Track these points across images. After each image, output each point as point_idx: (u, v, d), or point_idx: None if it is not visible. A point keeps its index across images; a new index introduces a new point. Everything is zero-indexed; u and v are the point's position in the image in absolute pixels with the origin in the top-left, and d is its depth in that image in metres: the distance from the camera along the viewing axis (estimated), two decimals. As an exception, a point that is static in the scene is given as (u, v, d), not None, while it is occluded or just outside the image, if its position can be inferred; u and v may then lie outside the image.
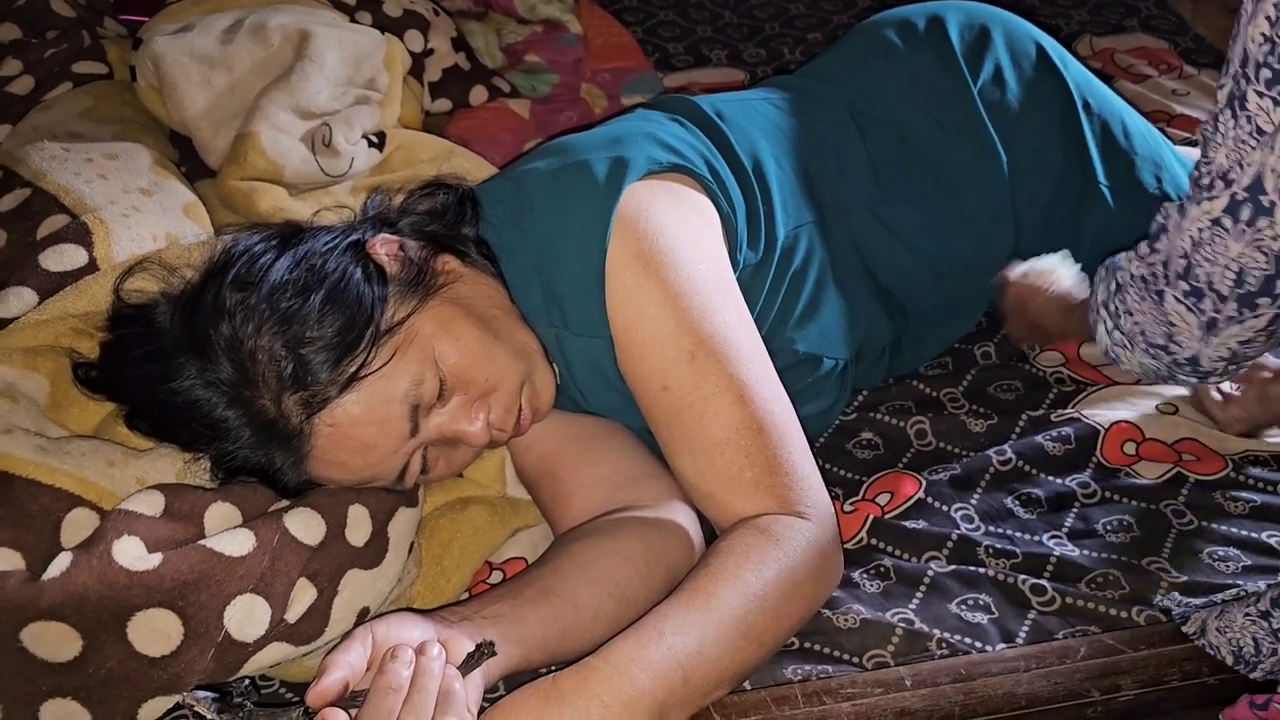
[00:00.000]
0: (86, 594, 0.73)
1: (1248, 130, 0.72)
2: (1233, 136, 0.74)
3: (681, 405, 0.90)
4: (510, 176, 1.03)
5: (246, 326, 0.84)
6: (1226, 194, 0.75)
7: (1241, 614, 0.83)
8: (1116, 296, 0.90)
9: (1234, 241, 0.76)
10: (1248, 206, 0.74)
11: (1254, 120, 0.71)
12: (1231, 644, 0.83)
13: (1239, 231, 0.75)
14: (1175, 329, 0.84)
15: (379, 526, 0.87)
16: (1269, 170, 0.72)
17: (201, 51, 1.24)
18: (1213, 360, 0.85)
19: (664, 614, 0.79)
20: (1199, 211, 0.78)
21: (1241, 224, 0.75)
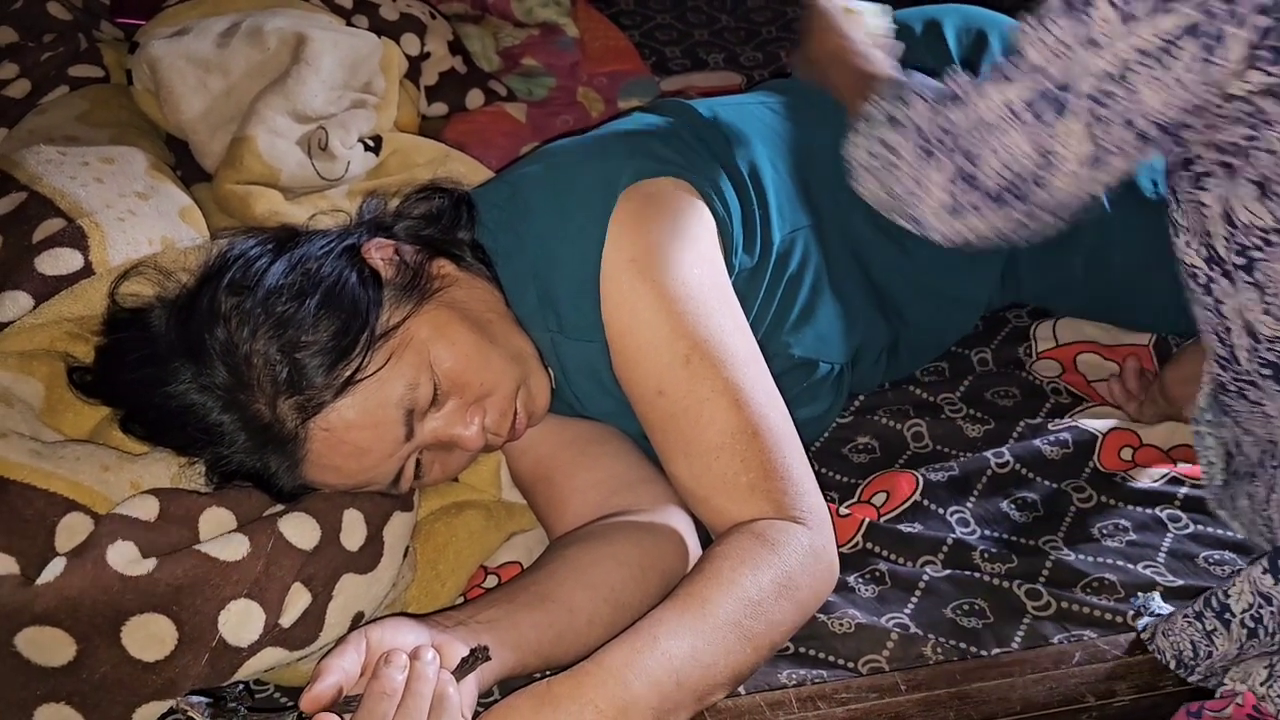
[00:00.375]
0: (80, 599, 0.73)
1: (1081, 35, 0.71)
2: (1056, 36, 0.72)
3: (676, 410, 0.90)
4: (506, 180, 1.03)
5: (242, 331, 0.84)
6: (1029, 79, 0.74)
7: (1181, 616, 0.83)
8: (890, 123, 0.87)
9: (1018, 133, 0.75)
10: (1049, 102, 0.73)
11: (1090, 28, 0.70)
12: (1174, 647, 0.83)
13: (1026, 124, 0.74)
14: (919, 195, 0.83)
15: (374, 531, 0.87)
16: (1085, 70, 0.71)
17: (198, 55, 1.24)
18: (941, 232, 0.85)
19: (659, 619, 0.79)
20: (996, 90, 0.76)
21: (1032, 115, 0.74)
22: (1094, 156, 0.73)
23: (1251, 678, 0.75)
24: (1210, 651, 0.81)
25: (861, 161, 0.91)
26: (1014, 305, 1.30)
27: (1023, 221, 0.80)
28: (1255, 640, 0.78)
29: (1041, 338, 1.23)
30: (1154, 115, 0.70)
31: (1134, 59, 0.68)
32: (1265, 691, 0.75)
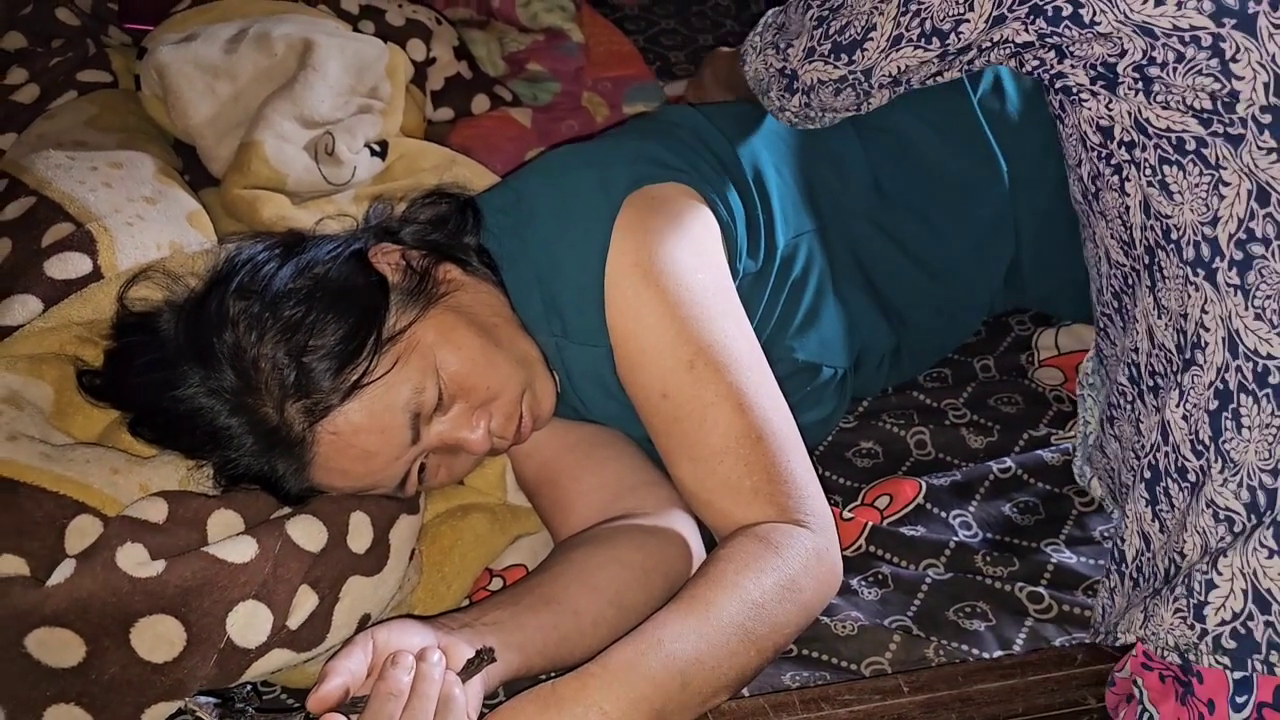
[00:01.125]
0: (90, 600, 0.73)
1: None
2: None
3: (681, 413, 0.91)
4: (511, 185, 1.04)
5: (250, 335, 0.85)
6: None
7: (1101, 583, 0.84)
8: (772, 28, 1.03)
9: None
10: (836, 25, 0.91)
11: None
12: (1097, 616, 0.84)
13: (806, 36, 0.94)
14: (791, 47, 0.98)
15: (380, 534, 0.88)
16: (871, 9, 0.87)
17: (205, 61, 1.25)
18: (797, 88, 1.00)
19: (663, 621, 0.79)
20: None
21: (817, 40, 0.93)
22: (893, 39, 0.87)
23: (1134, 625, 0.76)
24: (1113, 608, 0.82)
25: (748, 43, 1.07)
26: (1017, 310, 1.30)
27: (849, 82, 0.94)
28: (1137, 589, 0.79)
29: (1043, 346, 1.23)
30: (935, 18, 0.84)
31: None
32: (1143, 633, 0.76)
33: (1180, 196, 0.73)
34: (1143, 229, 0.77)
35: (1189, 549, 0.73)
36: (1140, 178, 0.76)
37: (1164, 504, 0.76)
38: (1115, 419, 0.86)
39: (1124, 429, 0.84)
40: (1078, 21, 0.74)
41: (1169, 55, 0.71)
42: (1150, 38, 0.72)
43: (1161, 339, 0.77)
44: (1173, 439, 0.75)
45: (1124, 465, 0.85)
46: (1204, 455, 0.72)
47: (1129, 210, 0.78)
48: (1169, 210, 0.74)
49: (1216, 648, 0.70)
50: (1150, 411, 0.79)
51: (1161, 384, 0.77)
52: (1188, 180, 0.73)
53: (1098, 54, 0.75)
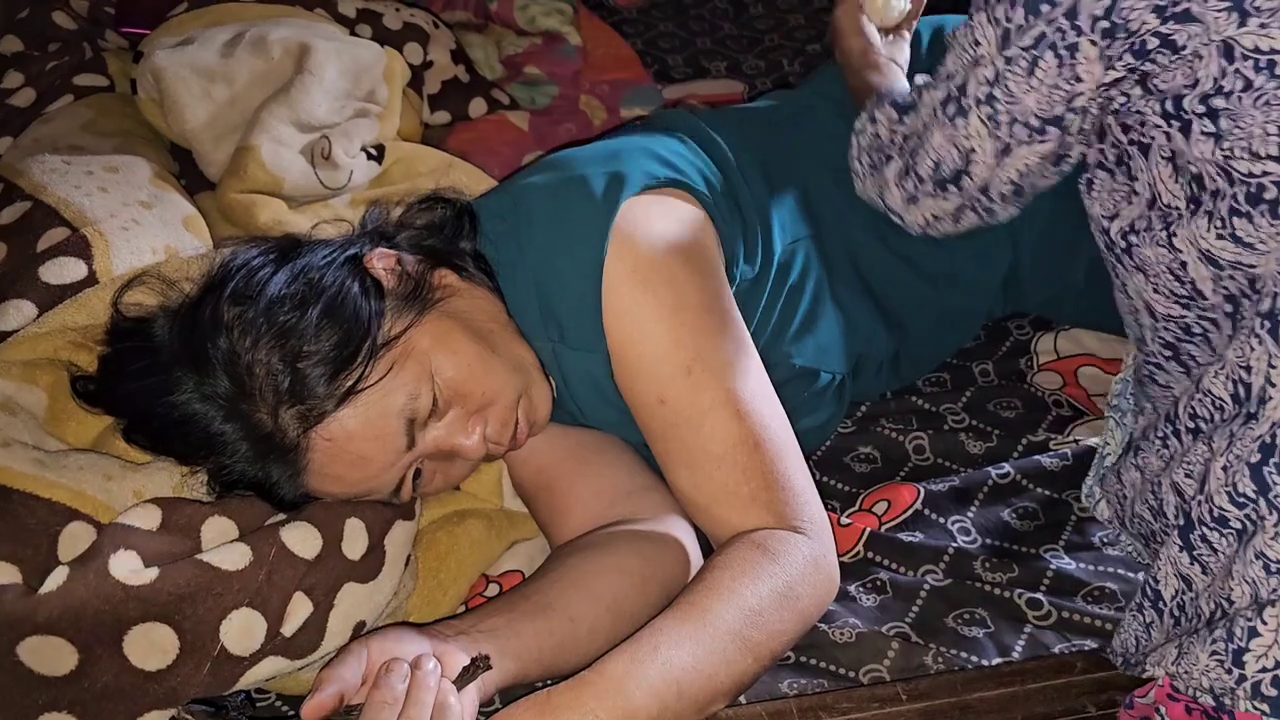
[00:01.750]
0: (83, 608, 0.73)
1: (970, 40, 0.82)
2: (960, 44, 0.84)
3: (678, 420, 0.90)
4: (508, 191, 1.03)
5: (244, 340, 0.84)
6: (945, 86, 0.86)
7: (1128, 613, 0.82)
8: (871, 125, 1.00)
9: (937, 131, 0.87)
10: (954, 104, 0.84)
11: (974, 33, 0.81)
12: (1122, 645, 0.83)
13: (942, 123, 0.86)
14: (889, 191, 0.96)
15: (375, 540, 0.87)
16: (974, 79, 0.82)
17: (202, 65, 1.25)
18: (913, 222, 0.97)
19: (659, 628, 0.79)
20: (929, 96, 0.88)
21: (945, 117, 0.86)
22: (1000, 149, 0.84)
23: (1165, 659, 0.75)
24: (1149, 642, 0.81)
25: (855, 161, 1.03)
26: (1016, 314, 1.29)
27: (967, 206, 0.91)
28: (1178, 627, 0.78)
29: (1042, 351, 1.23)
30: (1034, 113, 0.80)
31: (1005, 69, 0.79)
32: (1175, 670, 0.75)
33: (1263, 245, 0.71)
34: (1215, 280, 0.75)
35: (1237, 596, 0.72)
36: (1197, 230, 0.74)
37: (1203, 549, 0.75)
38: (1142, 450, 0.84)
39: (1149, 461, 0.83)
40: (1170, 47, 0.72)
41: (1237, 83, 0.69)
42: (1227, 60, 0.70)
43: (1209, 385, 0.75)
44: (1209, 487, 0.73)
45: (1139, 497, 0.85)
46: (1247, 507, 0.71)
47: (1185, 266, 0.76)
48: (1251, 260, 0.72)
49: (1255, 694, 0.69)
50: (1186, 451, 0.78)
51: (1204, 428, 0.76)
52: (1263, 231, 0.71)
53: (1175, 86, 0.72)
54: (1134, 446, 0.86)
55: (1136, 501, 0.86)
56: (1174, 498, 0.79)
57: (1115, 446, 0.99)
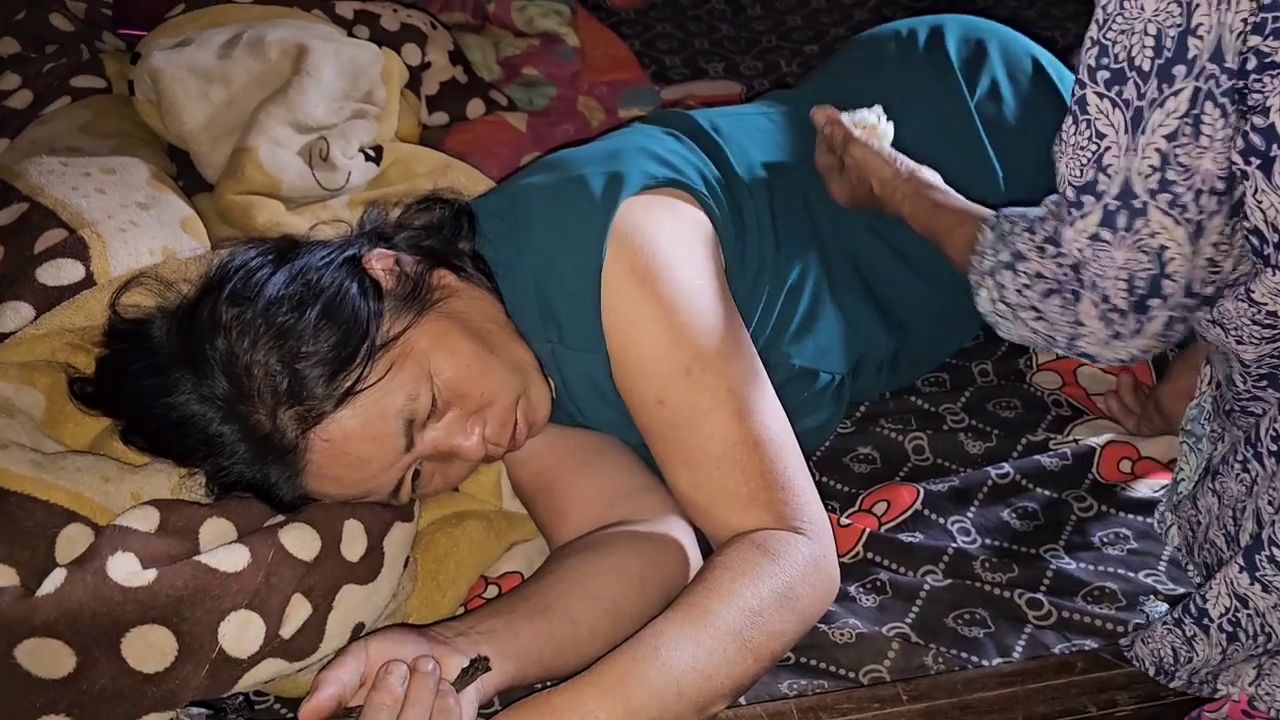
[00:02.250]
0: (80, 610, 0.73)
1: (1087, 135, 0.73)
2: (1073, 144, 0.74)
3: (677, 420, 0.90)
4: (507, 192, 1.03)
5: (242, 341, 0.84)
6: (1099, 207, 0.75)
7: (1160, 623, 0.83)
8: (1007, 271, 0.87)
9: (1118, 250, 0.76)
10: (1122, 214, 0.74)
11: (1094, 124, 0.72)
12: (1154, 654, 0.83)
13: (1119, 239, 0.75)
14: (1083, 329, 0.82)
15: (374, 541, 0.87)
16: (1135, 173, 0.72)
17: (199, 66, 1.24)
18: (1109, 360, 0.85)
19: (659, 629, 0.79)
20: (1074, 231, 0.77)
21: (1120, 231, 0.75)
22: (1193, 231, 0.74)
23: (1242, 679, 0.75)
24: (1191, 657, 0.81)
25: (992, 312, 0.91)
26: (1014, 314, 1.29)
27: (1174, 317, 0.79)
28: (1237, 644, 0.78)
29: (1041, 351, 1.23)
30: (1216, 175, 0.71)
31: (1170, 147, 0.70)
32: (1255, 690, 0.75)
33: None
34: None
35: None
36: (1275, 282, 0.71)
37: (1268, 569, 0.74)
38: (1220, 475, 0.83)
39: (1228, 485, 0.82)
40: None
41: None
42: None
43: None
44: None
45: (1215, 522, 0.83)
46: None
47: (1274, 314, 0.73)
48: None
49: None
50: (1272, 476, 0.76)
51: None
52: None
53: None
54: (1212, 471, 0.84)
55: (1212, 527, 0.84)
56: (1251, 524, 0.77)
57: (1190, 472, 0.95)
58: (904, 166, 1.07)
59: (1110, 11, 0.70)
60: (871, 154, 1.07)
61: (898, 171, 1.06)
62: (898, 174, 1.06)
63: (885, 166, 1.06)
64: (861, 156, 1.07)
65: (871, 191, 1.08)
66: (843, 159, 1.09)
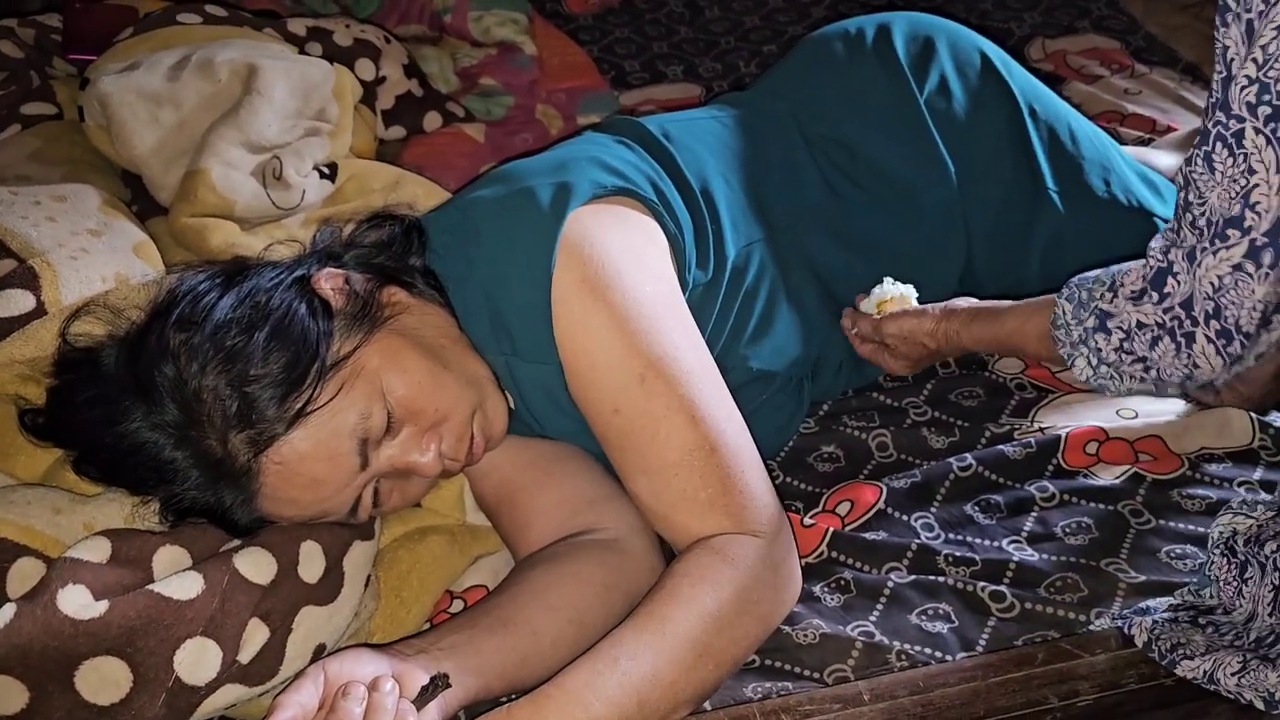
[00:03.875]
0: (30, 645, 0.72)
1: (1242, 169, 0.74)
2: (1229, 176, 0.75)
3: (633, 428, 0.90)
4: (457, 205, 1.03)
5: (190, 366, 0.84)
6: (1245, 240, 0.76)
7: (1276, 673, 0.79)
8: (1099, 334, 0.90)
9: (1259, 285, 0.77)
10: (1269, 251, 0.76)
11: (1249, 159, 0.73)
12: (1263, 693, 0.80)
13: (1263, 275, 0.77)
14: (1198, 369, 0.84)
15: (333, 562, 0.87)
16: None
17: (148, 89, 1.24)
18: (1224, 381, 0.86)
19: (618, 639, 0.79)
20: (1216, 260, 0.79)
21: (1265, 268, 0.76)
22: None
23: (1223, 666, 0.76)
24: None
25: (1095, 378, 0.94)
26: (974, 307, 1.30)
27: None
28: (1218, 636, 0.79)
29: (1155, 398, 1.23)
30: None
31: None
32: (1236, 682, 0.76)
33: None
34: None
35: None
36: None
37: None
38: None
39: None
40: None
41: None
42: None
43: None
44: None
45: None
46: None
47: None
48: None
49: None
50: None
51: None
52: None
53: None
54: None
55: None
56: None
57: None
58: (937, 310, 1.10)
59: (1271, 53, 0.70)
60: (905, 321, 1.10)
61: (936, 318, 1.09)
62: (938, 320, 1.09)
63: (923, 322, 1.09)
64: (897, 329, 1.10)
65: (927, 349, 1.11)
66: (884, 342, 1.12)
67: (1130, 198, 1.18)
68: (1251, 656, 0.79)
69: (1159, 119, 1.61)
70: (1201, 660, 0.81)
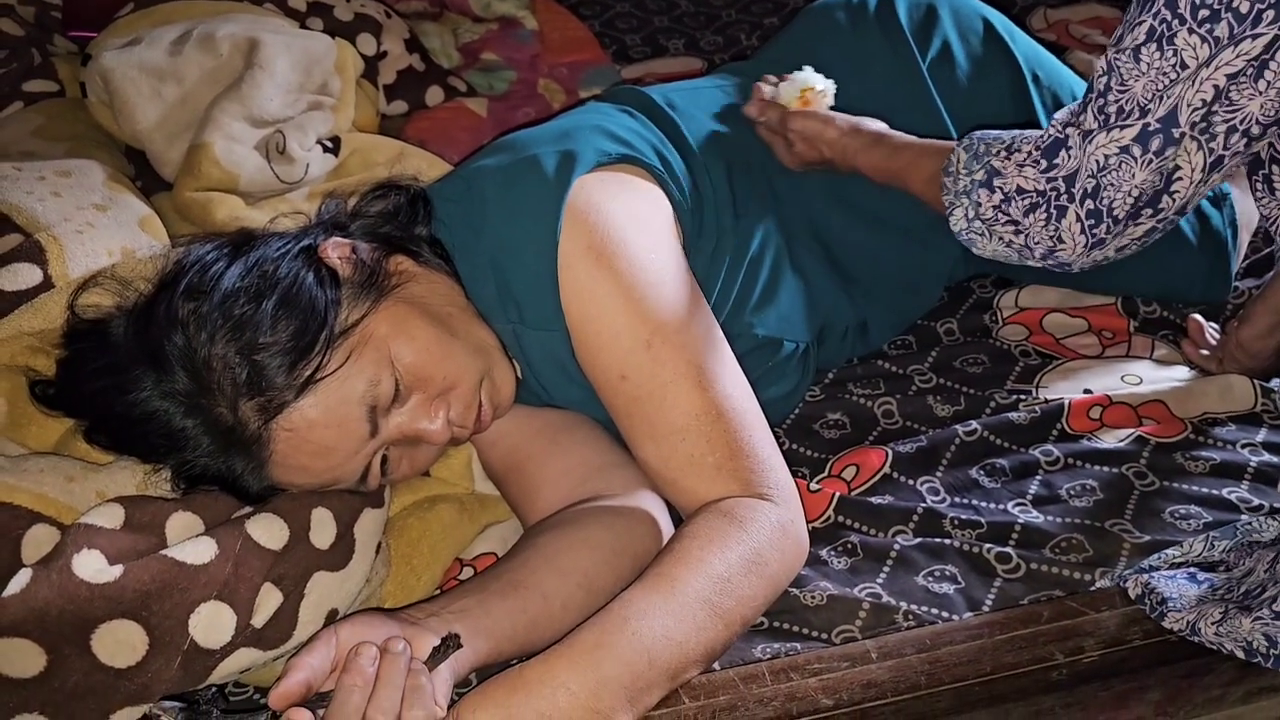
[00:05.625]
0: (48, 609, 0.73)
1: (1172, 63, 0.78)
2: (1155, 68, 0.79)
3: (641, 394, 0.90)
4: (462, 175, 1.03)
5: (200, 335, 0.84)
6: (1139, 124, 0.81)
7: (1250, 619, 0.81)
8: (983, 189, 0.92)
9: (1140, 170, 0.82)
10: (1158, 137, 0.80)
11: (1180, 54, 0.77)
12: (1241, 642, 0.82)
13: (1145, 160, 0.81)
14: (1061, 244, 0.89)
15: (344, 528, 0.87)
16: (1184, 104, 0.78)
17: (150, 64, 1.24)
18: (1084, 265, 0.91)
19: (628, 600, 0.79)
20: (1107, 138, 0.83)
21: (1150, 154, 0.81)
22: (1212, 163, 0.81)
23: (1205, 617, 0.76)
24: None
25: (967, 230, 0.97)
26: (978, 275, 1.30)
27: (1156, 227, 0.87)
28: None
29: (1005, 305, 1.24)
30: (1257, 119, 0.77)
31: (1226, 84, 0.76)
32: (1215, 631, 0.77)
33: None
34: None
35: None
36: None
37: None
38: None
39: None
40: None
41: None
42: None
43: None
44: None
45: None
46: None
47: None
48: None
49: None
50: None
51: None
52: None
53: None
54: None
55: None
56: None
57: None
58: (845, 123, 1.08)
59: None
60: (812, 121, 1.08)
61: (842, 130, 1.08)
62: (842, 132, 1.08)
63: (828, 129, 1.08)
64: (802, 126, 1.09)
65: (823, 156, 1.09)
66: (786, 135, 1.10)
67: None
68: (1232, 606, 0.80)
69: (1161, 87, 1.61)
70: (1187, 612, 0.82)
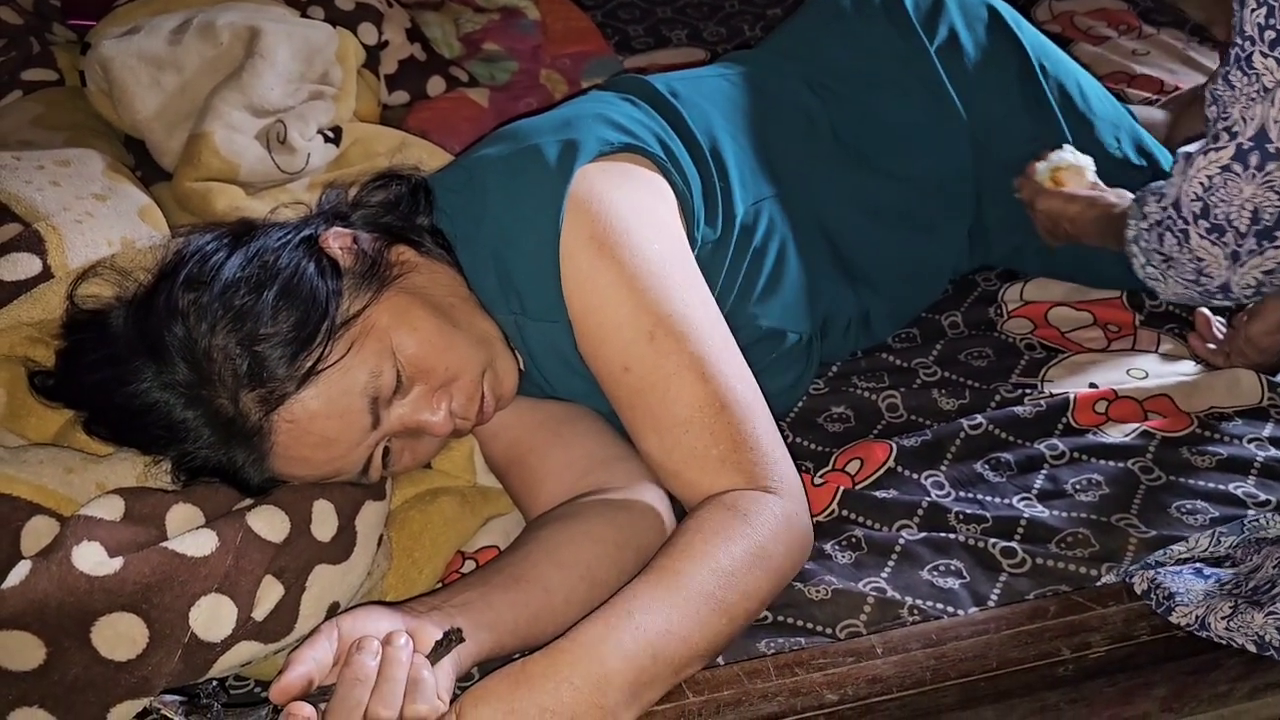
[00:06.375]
0: (47, 601, 0.72)
1: (1255, 86, 0.83)
2: (1243, 91, 0.85)
3: (644, 385, 0.90)
4: (463, 164, 1.02)
5: (200, 326, 0.83)
6: (1233, 144, 0.86)
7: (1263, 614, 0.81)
8: (1147, 233, 0.97)
9: (1246, 184, 0.86)
10: (1255, 154, 0.85)
11: (1260, 78, 0.83)
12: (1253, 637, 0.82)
13: (1250, 175, 0.86)
14: (1203, 263, 0.93)
15: (345, 521, 0.87)
16: (1271, 121, 0.83)
17: (150, 53, 1.23)
18: (1241, 288, 0.94)
19: (632, 593, 0.79)
20: (1206, 160, 0.88)
21: (1252, 169, 0.85)
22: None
23: (1214, 612, 0.76)
24: None
25: (1145, 277, 1.00)
26: (983, 268, 1.30)
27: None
28: None
29: (1010, 299, 1.24)
30: None
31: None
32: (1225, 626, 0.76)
33: None
34: None
35: None
36: None
37: None
38: None
39: None
40: None
41: None
42: None
43: None
44: None
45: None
46: None
47: None
48: None
49: None
50: None
51: None
52: None
53: None
54: None
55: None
56: None
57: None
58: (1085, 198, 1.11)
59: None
60: (1055, 200, 1.12)
61: (1080, 207, 1.10)
62: (1081, 209, 1.10)
63: (1068, 207, 1.11)
64: (1046, 206, 1.13)
65: (1068, 233, 1.13)
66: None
67: (1141, 155, 1.17)
68: (1242, 601, 0.80)
69: (1166, 80, 1.60)
70: (1195, 607, 0.81)
